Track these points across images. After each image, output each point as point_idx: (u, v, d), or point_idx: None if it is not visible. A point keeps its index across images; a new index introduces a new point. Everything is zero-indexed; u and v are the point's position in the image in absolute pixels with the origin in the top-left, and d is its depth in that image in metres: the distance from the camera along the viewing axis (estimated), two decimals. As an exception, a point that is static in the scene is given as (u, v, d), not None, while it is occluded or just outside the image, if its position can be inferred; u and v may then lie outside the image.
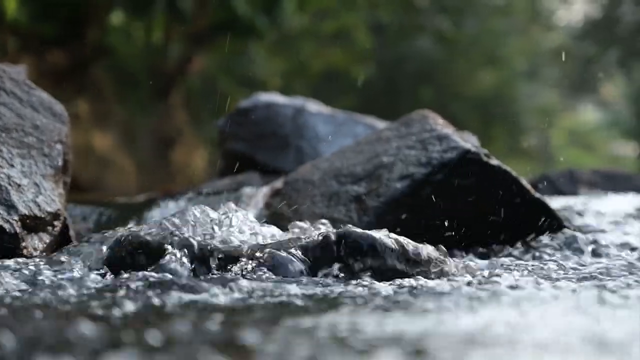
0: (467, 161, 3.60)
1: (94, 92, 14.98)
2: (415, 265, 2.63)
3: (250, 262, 2.56)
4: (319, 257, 2.63)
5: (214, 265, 2.56)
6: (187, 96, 16.60)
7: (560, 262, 3.14)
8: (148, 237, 2.61)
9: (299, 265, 2.58)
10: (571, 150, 27.33)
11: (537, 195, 3.75)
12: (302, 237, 2.79)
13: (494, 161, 3.63)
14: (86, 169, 14.53)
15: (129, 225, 2.74)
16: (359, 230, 2.66)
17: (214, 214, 2.85)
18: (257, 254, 2.58)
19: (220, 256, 2.56)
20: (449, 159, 3.59)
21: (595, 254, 3.53)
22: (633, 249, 3.60)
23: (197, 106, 16.58)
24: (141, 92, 15.98)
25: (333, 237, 2.64)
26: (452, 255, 3.35)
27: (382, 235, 2.64)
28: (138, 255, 2.59)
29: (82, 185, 13.53)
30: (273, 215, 3.76)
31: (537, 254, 3.45)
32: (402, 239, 2.70)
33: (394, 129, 3.95)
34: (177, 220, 2.74)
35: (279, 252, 2.61)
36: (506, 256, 3.41)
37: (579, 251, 3.52)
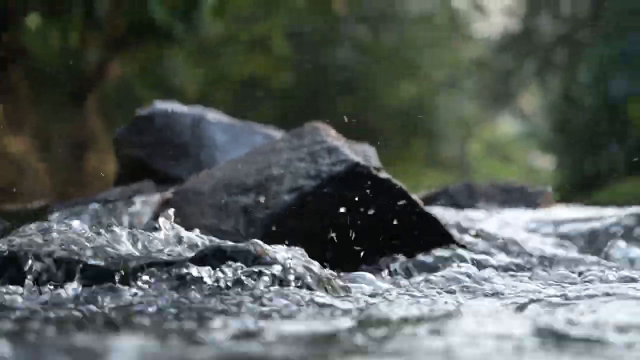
0: (356, 174, 3.57)
1: (8, 94, 14.76)
2: (294, 279, 2.59)
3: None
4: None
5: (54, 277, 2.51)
6: (103, 101, 16.45)
7: (443, 277, 3.13)
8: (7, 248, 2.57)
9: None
10: (489, 162, 27.61)
11: (426, 209, 3.74)
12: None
13: (383, 174, 3.62)
14: (-1, 173, 14.29)
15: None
16: (230, 243, 2.63)
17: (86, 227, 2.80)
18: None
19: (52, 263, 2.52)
20: (337, 172, 3.56)
21: (482, 268, 3.53)
22: (519, 264, 3.63)
23: (112, 112, 16.44)
24: (57, 95, 15.79)
25: (206, 250, 2.60)
26: (335, 268, 3.34)
27: (256, 247, 2.60)
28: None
29: (-5, 190, 13.30)
30: (162, 226, 3.71)
31: (421, 269, 3.45)
32: (280, 251, 2.66)
33: (287, 140, 3.92)
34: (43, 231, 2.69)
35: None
36: (390, 271, 3.41)
37: (466, 266, 3.52)
